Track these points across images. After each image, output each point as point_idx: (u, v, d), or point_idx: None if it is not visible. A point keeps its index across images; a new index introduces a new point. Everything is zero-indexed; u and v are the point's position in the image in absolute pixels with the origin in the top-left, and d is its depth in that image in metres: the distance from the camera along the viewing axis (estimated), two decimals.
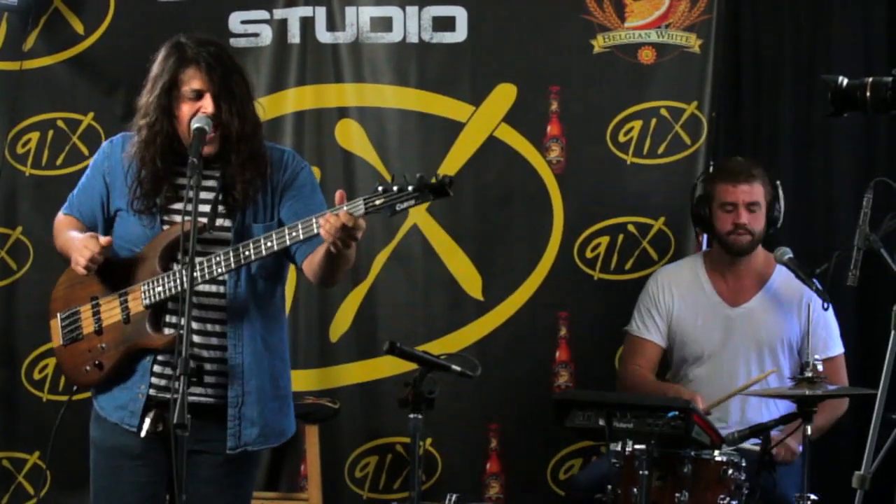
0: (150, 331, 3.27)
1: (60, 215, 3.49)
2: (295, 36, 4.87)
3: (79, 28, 4.87)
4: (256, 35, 4.87)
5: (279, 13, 4.87)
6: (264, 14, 4.87)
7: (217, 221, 3.28)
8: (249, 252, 3.18)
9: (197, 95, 3.24)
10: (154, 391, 3.28)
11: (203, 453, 3.27)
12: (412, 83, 4.86)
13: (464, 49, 4.83)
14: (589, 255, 4.84)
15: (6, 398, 4.89)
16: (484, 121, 4.83)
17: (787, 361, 4.35)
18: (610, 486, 3.74)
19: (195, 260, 3.14)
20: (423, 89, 4.85)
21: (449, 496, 3.80)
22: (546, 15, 4.82)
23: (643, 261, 4.81)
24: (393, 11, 4.83)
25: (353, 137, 4.88)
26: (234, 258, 3.19)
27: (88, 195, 3.42)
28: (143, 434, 3.26)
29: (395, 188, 3.05)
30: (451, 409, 4.64)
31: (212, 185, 3.30)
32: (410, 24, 4.83)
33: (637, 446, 3.64)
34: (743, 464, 3.75)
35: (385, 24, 4.84)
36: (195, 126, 3.19)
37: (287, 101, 4.88)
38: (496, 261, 4.85)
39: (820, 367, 3.75)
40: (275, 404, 3.39)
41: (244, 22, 4.87)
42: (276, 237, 3.16)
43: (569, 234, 4.82)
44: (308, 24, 4.86)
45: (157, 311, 3.28)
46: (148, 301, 3.27)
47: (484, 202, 4.84)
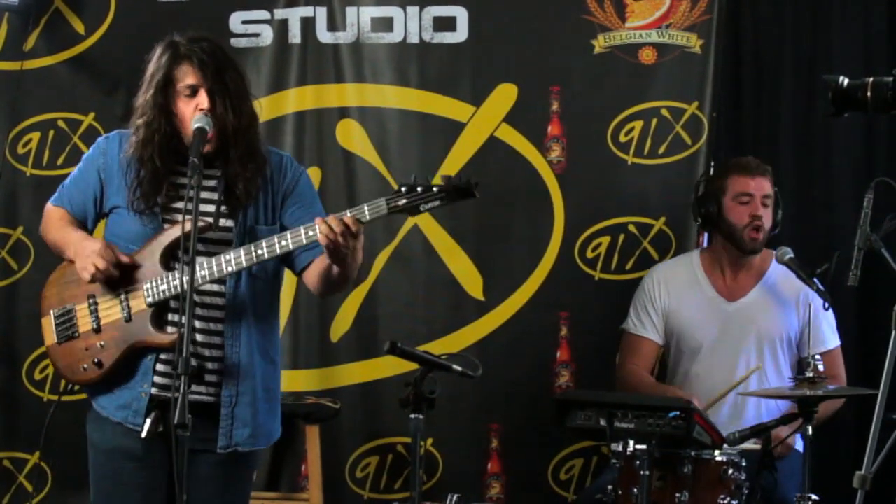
0: (154, 329, 3.27)
1: (50, 206, 3.47)
2: (296, 36, 4.87)
3: (79, 28, 4.87)
4: (257, 35, 4.87)
5: (280, 13, 4.87)
6: (265, 14, 4.87)
7: (220, 221, 3.29)
8: (262, 251, 3.19)
9: (192, 91, 3.25)
10: (157, 390, 3.28)
11: (201, 452, 3.28)
12: (413, 83, 4.86)
13: (464, 49, 4.83)
14: (590, 255, 4.84)
15: (7, 398, 4.89)
16: (485, 121, 4.83)
17: (785, 356, 4.36)
18: (610, 487, 3.74)
19: (201, 259, 3.16)
20: (423, 89, 4.85)
21: (450, 496, 3.80)
22: (547, 15, 4.82)
23: (644, 261, 4.80)
24: (394, 11, 4.84)
25: (353, 137, 4.88)
26: (247, 256, 3.19)
27: (81, 189, 3.41)
28: (143, 434, 3.26)
29: (419, 188, 3.06)
30: (452, 410, 4.65)
31: (212, 185, 3.30)
32: (411, 25, 4.83)
33: (638, 446, 3.64)
34: (743, 464, 3.75)
35: (386, 25, 4.84)
36: (196, 126, 3.20)
37: (288, 102, 4.88)
38: (497, 261, 4.85)
39: (821, 367, 3.75)
40: (265, 406, 3.40)
41: (245, 22, 4.87)
42: (290, 236, 3.18)
43: (569, 234, 4.82)
44: (309, 24, 4.86)
45: (160, 310, 3.29)
46: (152, 299, 3.27)
47: (485, 202, 4.80)
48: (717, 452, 3.74)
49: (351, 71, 4.87)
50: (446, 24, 4.82)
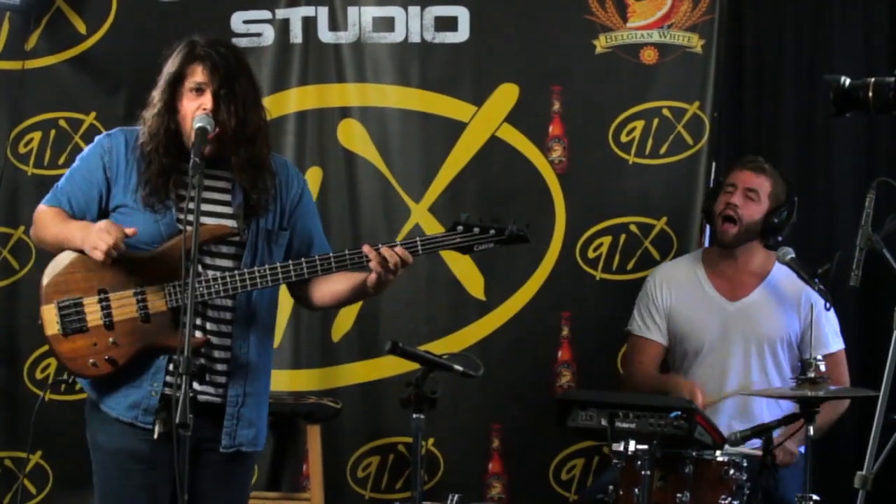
0: (172, 331, 3.24)
1: (44, 207, 3.40)
2: (297, 36, 4.87)
3: (81, 28, 4.87)
4: (259, 35, 4.87)
5: (281, 13, 4.87)
6: (266, 14, 4.87)
7: (234, 224, 3.31)
8: (302, 269, 3.28)
9: (198, 90, 3.26)
10: (168, 389, 3.27)
11: (206, 452, 3.29)
12: (414, 83, 4.86)
13: (466, 49, 4.83)
14: (591, 255, 4.84)
15: (8, 398, 4.89)
16: (486, 121, 4.83)
17: (787, 357, 4.36)
18: (611, 487, 3.74)
19: (235, 270, 3.25)
20: (425, 89, 4.85)
21: (451, 496, 3.80)
22: (548, 15, 4.82)
23: (645, 261, 4.80)
24: (395, 11, 4.84)
25: (355, 137, 4.88)
26: (284, 273, 3.28)
27: (83, 187, 3.37)
28: (156, 436, 3.26)
29: (475, 229, 3.09)
30: (454, 409, 4.65)
31: (223, 187, 3.32)
32: (413, 24, 4.83)
33: (639, 447, 3.64)
34: (744, 464, 3.74)
35: (387, 24, 4.84)
36: (197, 125, 3.20)
37: (289, 101, 4.89)
38: (498, 261, 4.83)
39: (822, 368, 3.74)
40: (264, 409, 3.44)
41: (246, 22, 4.87)
42: (335, 260, 3.28)
43: (571, 234, 4.82)
44: (310, 23, 4.87)
45: (176, 312, 3.27)
46: (174, 303, 3.27)
47: (486, 202, 4.84)
48: (718, 453, 3.74)
49: (352, 71, 4.87)
50: (448, 23, 4.82)
